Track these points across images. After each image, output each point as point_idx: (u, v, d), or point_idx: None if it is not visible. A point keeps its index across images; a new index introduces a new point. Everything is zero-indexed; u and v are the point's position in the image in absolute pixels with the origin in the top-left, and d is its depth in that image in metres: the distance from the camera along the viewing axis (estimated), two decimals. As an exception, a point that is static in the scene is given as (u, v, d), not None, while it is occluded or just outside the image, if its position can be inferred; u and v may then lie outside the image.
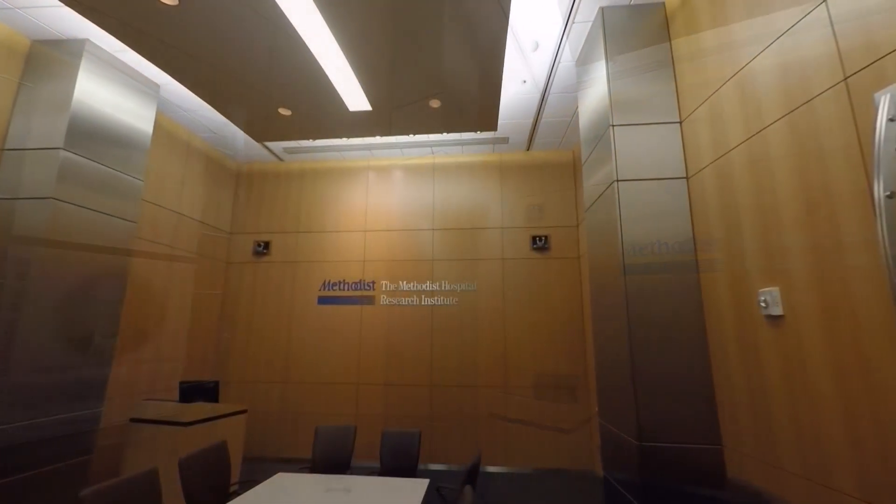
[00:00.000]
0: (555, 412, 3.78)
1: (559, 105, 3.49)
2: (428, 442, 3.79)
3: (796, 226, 1.46)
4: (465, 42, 2.34)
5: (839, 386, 1.30)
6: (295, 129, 3.45)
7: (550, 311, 3.97)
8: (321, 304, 4.28)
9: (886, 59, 1.17)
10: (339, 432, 2.75)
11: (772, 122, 1.57)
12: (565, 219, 4.16)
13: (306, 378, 4.14)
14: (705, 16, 2.00)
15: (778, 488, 1.51)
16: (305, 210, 4.56)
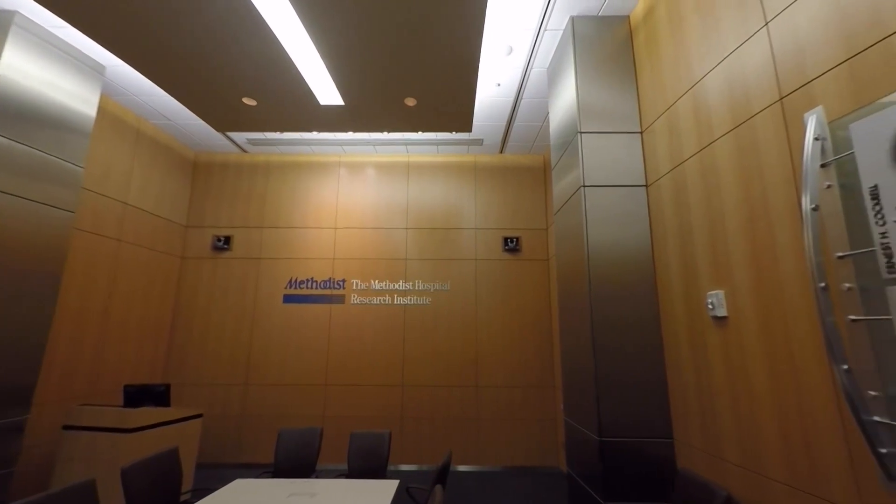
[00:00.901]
0: (524, 411, 3.86)
1: (531, 110, 3.56)
2: (399, 442, 3.77)
3: (739, 234, 1.57)
4: (441, 42, 2.32)
5: (772, 383, 1.41)
6: (260, 120, 3.28)
7: (521, 312, 4.05)
8: (287, 303, 4.12)
9: (814, 82, 1.28)
10: (304, 435, 2.66)
11: (720, 136, 1.68)
12: (536, 221, 4.26)
13: (269, 380, 3.97)
14: (664, 32, 2.10)
15: (720, 477, 1.62)
16: (271, 204, 4.37)
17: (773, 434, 1.40)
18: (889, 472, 1.04)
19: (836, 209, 1.18)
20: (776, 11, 1.44)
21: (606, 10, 2.47)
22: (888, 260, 1.04)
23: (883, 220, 1.05)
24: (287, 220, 4.33)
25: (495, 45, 2.84)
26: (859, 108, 1.14)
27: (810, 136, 1.24)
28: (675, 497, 1.78)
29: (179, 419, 2.90)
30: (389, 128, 3.47)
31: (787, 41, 1.39)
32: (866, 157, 1.09)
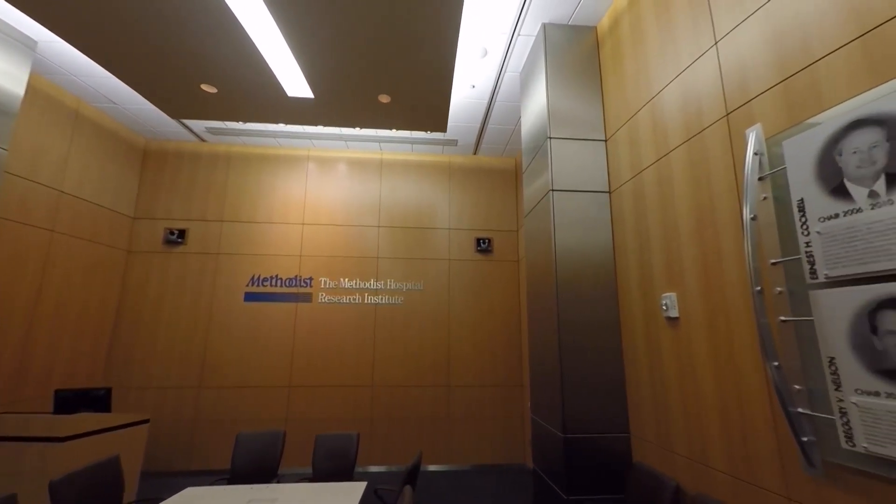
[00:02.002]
0: (493, 409, 3.92)
1: (504, 113, 3.60)
2: (367, 444, 3.70)
3: (690, 240, 1.67)
4: (417, 40, 2.28)
5: (716, 380, 1.52)
6: (220, 109, 3.07)
7: (492, 312, 4.10)
8: (249, 301, 3.91)
9: (754, 101, 1.39)
10: (265, 438, 2.54)
11: (674, 147, 1.78)
12: (507, 223, 4.33)
13: (227, 382, 3.75)
14: (627, 45, 2.20)
15: (671, 469, 1.72)
16: (232, 197, 4.12)
17: (716, 427, 1.50)
18: (809, 458, 1.15)
19: (770, 219, 1.29)
20: (724, 32, 1.54)
21: (576, 20, 2.54)
22: (811, 266, 1.14)
23: (807, 231, 1.16)
24: (250, 214, 4.11)
25: (471, 47, 2.85)
26: (791, 126, 1.25)
27: (750, 150, 1.34)
28: (630, 489, 1.88)
29: (122, 425, 2.67)
30: (362, 124, 3.38)
31: (732, 61, 1.50)
32: (795, 172, 1.19)
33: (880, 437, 0.97)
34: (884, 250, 0.96)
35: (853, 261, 1.03)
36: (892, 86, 0.99)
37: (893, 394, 0.95)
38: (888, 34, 1.02)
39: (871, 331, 0.99)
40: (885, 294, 0.96)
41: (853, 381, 1.03)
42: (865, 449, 1.00)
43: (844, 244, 1.05)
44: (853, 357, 1.03)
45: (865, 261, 1.00)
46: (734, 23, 1.49)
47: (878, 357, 0.98)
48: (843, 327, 1.06)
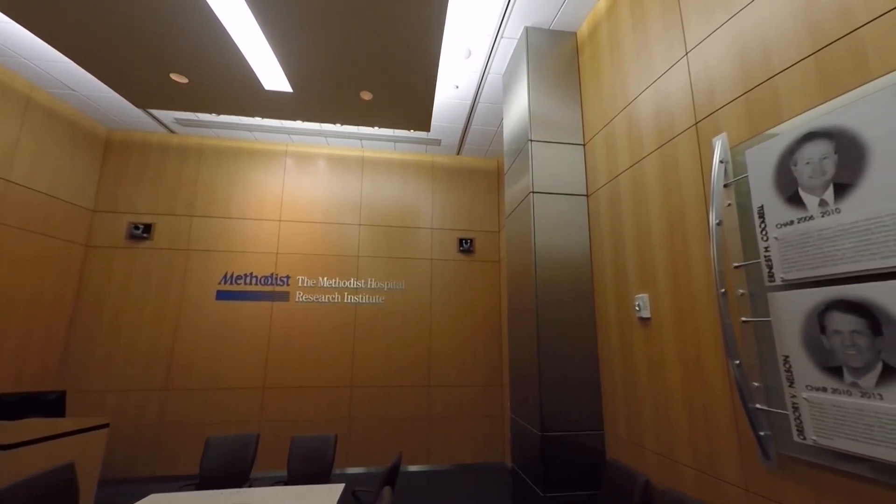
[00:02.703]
0: (473, 409, 3.94)
1: (487, 114, 3.62)
2: (346, 445, 3.64)
3: (662, 243, 1.73)
4: (401, 38, 2.25)
5: (683, 377, 1.58)
6: (192, 100, 2.93)
7: (473, 312, 4.12)
8: (221, 300, 3.76)
9: (721, 111, 1.45)
10: (236, 441, 2.45)
11: (648, 153, 1.84)
12: (489, 224, 4.36)
13: (196, 383, 3.59)
14: (605, 52, 2.25)
15: (642, 465, 1.78)
16: (203, 192, 3.94)
17: (683, 423, 1.56)
18: (766, 451, 1.21)
19: (734, 225, 1.35)
20: (694, 43, 1.61)
21: (557, 25, 2.58)
22: (769, 270, 1.21)
23: (766, 236, 1.22)
24: (223, 209, 3.94)
25: (455, 48, 2.84)
26: (753, 136, 1.31)
27: (716, 159, 1.40)
28: (604, 485, 1.93)
29: (77, 431, 2.50)
30: (343, 120, 3.31)
31: (701, 71, 1.56)
32: (756, 180, 1.26)
33: (827, 430, 1.04)
34: (831, 256, 1.03)
35: (805, 265, 1.09)
36: (840, 101, 1.06)
37: (838, 389, 1.02)
38: (838, 52, 1.09)
39: (820, 331, 1.06)
40: (831, 296, 1.03)
41: (804, 377, 1.10)
42: (814, 441, 1.07)
43: (798, 249, 1.12)
44: (805, 355, 1.10)
45: (816, 265, 1.07)
46: (703, 35, 1.56)
47: (826, 355, 1.05)
48: (796, 327, 1.12)
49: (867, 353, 0.96)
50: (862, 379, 0.97)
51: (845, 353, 1.00)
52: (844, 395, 1.00)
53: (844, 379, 1.00)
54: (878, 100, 0.96)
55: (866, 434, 0.95)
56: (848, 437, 0.99)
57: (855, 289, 0.98)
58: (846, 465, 1.01)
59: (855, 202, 0.99)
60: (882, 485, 0.95)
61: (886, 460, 0.92)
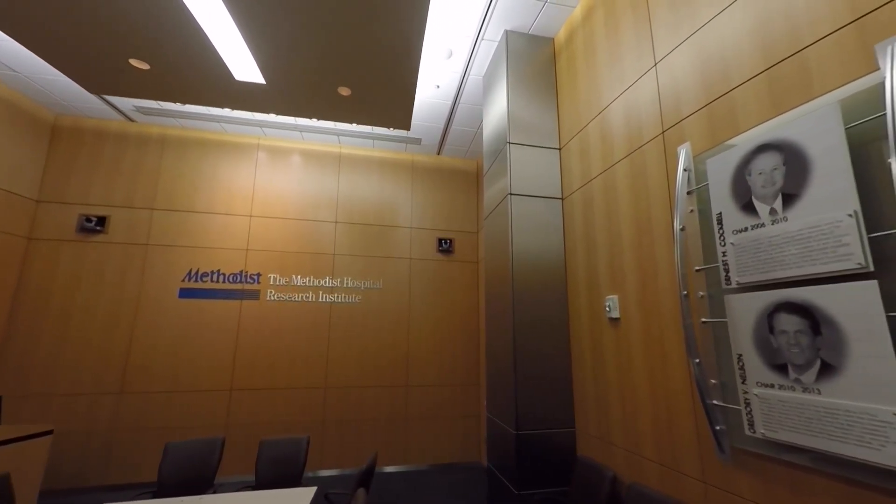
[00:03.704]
0: (451, 409, 3.95)
1: (468, 115, 3.63)
2: (319, 447, 3.55)
3: (630, 246, 1.80)
4: (381, 35, 2.21)
5: (649, 376, 1.64)
6: (153, 88, 2.75)
7: (452, 312, 4.13)
8: (184, 298, 3.56)
9: (685, 121, 1.52)
10: (199, 446, 2.34)
11: (619, 159, 1.90)
12: (468, 224, 4.38)
13: (155, 386, 3.39)
14: (581, 59, 2.31)
15: (610, 460, 1.84)
16: (166, 184, 3.72)
17: (648, 419, 1.63)
18: (721, 445, 1.28)
19: (696, 230, 1.42)
20: (662, 54, 1.67)
21: (536, 30, 2.62)
22: (726, 274, 1.28)
23: (724, 242, 1.29)
24: (187, 203, 3.73)
25: (437, 47, 2.83)
26: (713, 146, 1.38)
27: (681, 167, 1.47)
28: (574, 481, 1.98)
29: (15, 439, 2.31)
30: (319, 115, 3.22)
31: (668, 82, 1.63)
32: (715, 188, 1.33)
33: (773, 424, 1.11)
34: (778, 261, 1.10)
35: (757, 270, 1.16)
36: (788, 116, 1.13)
37: (783, 385, 1.09)
38: (787, 70, 1.16)
39: (769, 330, 1.13)
40: (779, 299, 1.10)
41: (755, 374, 1.17)
42: (763, 434, 1.14)
43: (751, 254, 1.19)
44: (755, 354, 1.17)
45: (766, 270, 1.14)
46: (671, 47, 1.63)
47: (774, 353, 1.12)
48: (748, 327, 1.19)
49: (808, 351, 1.03)
50: (804, 375, 1.04)
51: (790, 351, 1.07)
52: (789, 391, 1.08)
53: (789, 375, 1.08)
54: (819, 116, 1.03)
55: (806, 426, 1.03)
56: (791, 430, 1.06)
57: (799, 292, 1.05)
58: (789, 455, 1.09)
59: (800, 211, 1.06)
60: (819, 473, 1.03)
61: (823, 450, 0.99)
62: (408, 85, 2.77)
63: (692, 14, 1.53)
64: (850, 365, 0.94)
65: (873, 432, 0.89)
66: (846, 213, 0.95)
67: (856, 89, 0.98)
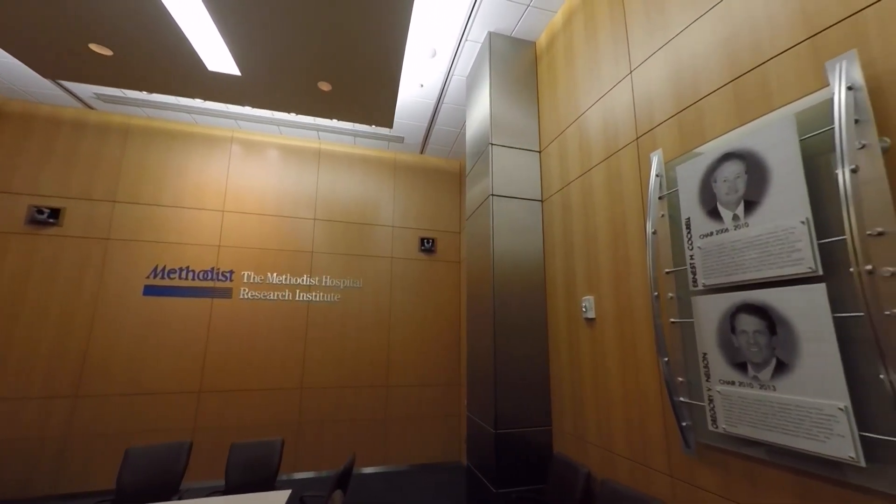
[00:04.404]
0: (432, 409, 3.94)
1: (451, 115, 3.63)
2: (294, 450, 3.46)
3: (606, 249, 1.85)
4: (363, 31, 2.16)
5: (622, 374, 1.70)
6: (116, 75, 2.58)
7: (434, 312, 4.11)
8: (149, 295, 3.37)
9: (658, 128, 1.58)
10: (164, 451, 2.24)
11: (596, 164, 1.95)
12: (451, 224, 4.38)
13: (117, 388, 3.19)
14: (561, 64, 2.35)
15: (584, 457, 1.89)
16: (130, 176, 3.51)
17: (620, 417, 1.68)
18: (687, 440, 1.34)
19: (667, 234, 1.47)
20: (637, 63, 1.73)
21: (518, 33, 2.65)
22: (693, 276, 1.33)
23: (692, 246, 1.34)
24: (153, 196, 3.53)
25: (421, 46, 2.81)
26: (683, 154, 1.44)
27: (653, 173, 1.52)
28: (550, 478, 2.02)
29: None
30: (298, 110, 3.12)
31: (643, 90, 1.68)
32: (685, 194, 1.38)
33: (734, 419, 1.17)
34: (740, 265, 1.16)
35: (721, 273, 1.22)
36: (751, 126, 1.20)
37: (743, 382, 1.15)
38: (750, 82, 1.22)
39: (731, 330, 1.19)
40: (740, 300, 1.16)
41: (718, 372, 1.23)
42: (724, 430, 1.20)
43: (716, 258, 1.24)
44: (719, 352, 1.23)
45: (729, 273, 1.19)
46: (645, 55, 1.68)
47: (735, 352, 1.18)
48: (713, 327, 1.25)
49: (765, 350, 1.09)
50: (761, 373, 1.10)
51: (749, 350, 1.13)
52: (747, 388, 1.13)
53: (748, 373, 1.14)
54: (777, 127, 1.09)
55: (763, 421, 1.08)
56: (749, 425, 1.12)
57: (757, 294, 1.11)
58: (748, 449, 1.15)
59: (759, 217, 1.12)
60: (773, 465, 1.09)
61: (777, 444, 1.05)
62: (391, 82, 2.72)
63: (665, 24, 1.58)
64: (802, 363, 1.00)
65: (820, 425, 0.95)
66: (799, 220, 1.01)
67: (810, 103, 1.04)
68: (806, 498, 1.01)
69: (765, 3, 1.20)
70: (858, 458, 0.88)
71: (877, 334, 0.81)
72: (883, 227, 0.86)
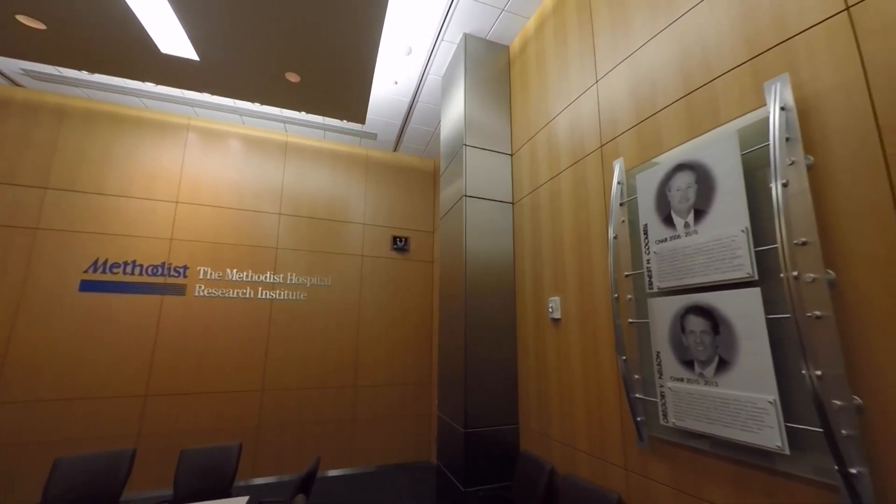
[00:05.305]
0: (402, 408, 3.90)
1: (426, 114, 3.60)
2: (253, 454, 3.29)
3: (572, 252, 1.91)
4: (336, 22, 2.07)
5: (584, 372, 1.76)
6: (49, 50, 2.31)
7: (406, 311, 4.07)
8: (87, 291, 3.06)
9: (620, 137, 1.65)
10: (102, 460, 2.05)
11: (564, 169, 2.01)
12: (424, 224, 4.35)
13: (44, 393, 2.87)
14: (532, 69, 2.40)
15: (548, 454, 1.94)
16: (66, 161, 3.17)
17: (582, 413, 1.75)
18: (641, 434, 1.41)
19: (626, 239, 1.55)
20: (603, 73, 1.80)
21: (493, 36, 2.67)
22: (649, 279, 1.41)
23: (649, 250, 1.42)
24: (94, 183, 3.21)
25: (396, 43, 2.76)
26: (642, 163, 1.52)
27: (615, 180, 1.59)
28: (517, 476, 2.06)
29: None
30: (263, 100, 2.95)
31: (607, 100, 1.75)
32: (643, 201, 1.45)
33: (682, 414, 1.25)
34: (689, 269, 1.24)
35: (673, 276, 1.30)
36: (701, 140, 1.28)
37: (691, 379, 1.23)
38: (700, 97, 1.31)
39: (681, 330, 1.27)
40: (689, 303, 1.24)
41: (669, 370, 1.30)
42: (674, 424, 1.27)
43: (669, 263, 1.32)
44: (670, 351, 1.30)
45: (680, 276, 1.27)
46: (610, 66, 1.75)
47: (684, 351, 1.26)
48: (665, 327, 1.32)
49: (710, 348, 1.17)
50: (706, 370, 1.18)
51: (696, 348, 1.21)
52: (694, 384, 1.22)
53: (695, 370, 1.22)
54: (722, 142, 1.17)
55: (706, 415, 1.17)
56: (695, 419, 1.20)
57: (704, 296, 1.19)
58: (694, 441, 1.23)
59: (707, 225, 1.20)
60: (715, 456, 1.17)
61: (718, 436, 1.13)
62: (364, 77, 2.65)
63: (628, 38, 1.66)
64: (740, 360, 1.09)
65: (754, 418, 1.03)
66: (740, 229, 1.10)
67: (751, 120, 1.13)
68: (740, 486, 1.10)
69: (714, 24, 1.29)
70: (784, 447, 0.97)
71: (800, 334, 0.90)
72: (806, 237, 0.95)
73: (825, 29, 0.99)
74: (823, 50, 0.99)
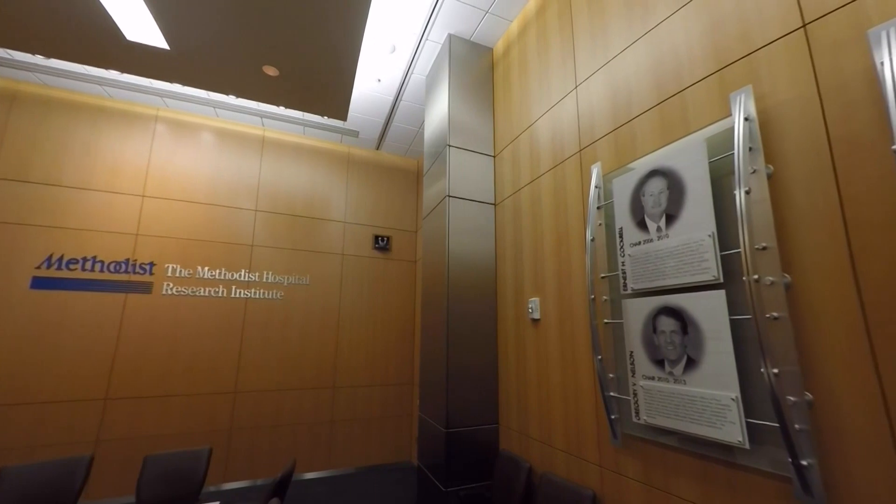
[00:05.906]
0: (383, 409, 3.85)
1: (410, 113, 3.57)
2: (225, 459, 3.17)
3: (551, 253, 1.94)
4: (316, 14, 2.01)
5: (562, 372, 1.80)
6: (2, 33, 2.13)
7: (387, 311, 4.02)
8: (39, 289, 2.86)
9: (598, 142, 1.69)
10: (52, 469, 1.92)
11: (544, 172, 2.04)
12: (407, 223, 4.32)
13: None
14: (515, 72, 2.43)
15: (527, 452, 1.97)
16: (15, 149, 2.95)
17: (559, 412, 1.78)
18: (615, 432, 1.46)
19: (603, 241, 1.59)
20: (582, 78, 1.84)
21: (477, 37, 2.68)
22: (624, 281, 1.45)
23: (624, 253, 1.46)
24: (49, 174, 3.00)
25: (379, 40, 2.72)
26: (618, 168, 1.56)
27: (593, 184, 1.63)
28: (496, 475, 2.07)
29: None
30: (239, 93, 2.83)
31: (586, 105, 1.80)
32: (619, 205, 1.50)
33: (653, 411, 1.29)
34: (661, 272, 1.28)
35: (645, 278, 1.34)
36: (673, 147, 1.33)
37: (661, 377, 1.28)
38: (672, 106, 1.36)
39: (653, 330, 1.31)
40: (660, 304, 1.29)
41: (642, 368, 1.35)
42: (645, 421, 1.32)
43: (642, 265, 1.36)
44: (643, 350, 1.35)
45: (652, 278, 1.32)
46: (589, 72, 1.79)
47: (656, 350, 1.30)
48: (638, 328, 1.36)
49: (679, 348, 1.22)
50: (675, 368, 1.23)
51: (667, 348, 1.26)
52: (664, 382, 1.26)
53: (665, 369, 1.26)
54: (692, 149, 1.22)
55: (675, 412, 1.21)
56: (665, 416, 1.25)
57: (674, 298, 1.24)
58: (663, 438, 1.28)
59: (677, 230, 1.25)
60: (683, 452, 1.22)
61: (686, 432, 1.18)
62: (346, 73, 2.59)
63: (606, 45, 1.70)
64: (706, 359, 1.14)
65: (717, 414, 1.08)
66: (707, 233, 1.15)
67: (718, 129, 1.19)
68: (705, 480, 1.15)
69: (686, 35, 1.34)
70: (745, 442, 1.02)
71: (759, 334, 0.95)
72: (766, 242, 1.00)
73: (784, 44, 1.05)
74: (783, 64, 1.05)
